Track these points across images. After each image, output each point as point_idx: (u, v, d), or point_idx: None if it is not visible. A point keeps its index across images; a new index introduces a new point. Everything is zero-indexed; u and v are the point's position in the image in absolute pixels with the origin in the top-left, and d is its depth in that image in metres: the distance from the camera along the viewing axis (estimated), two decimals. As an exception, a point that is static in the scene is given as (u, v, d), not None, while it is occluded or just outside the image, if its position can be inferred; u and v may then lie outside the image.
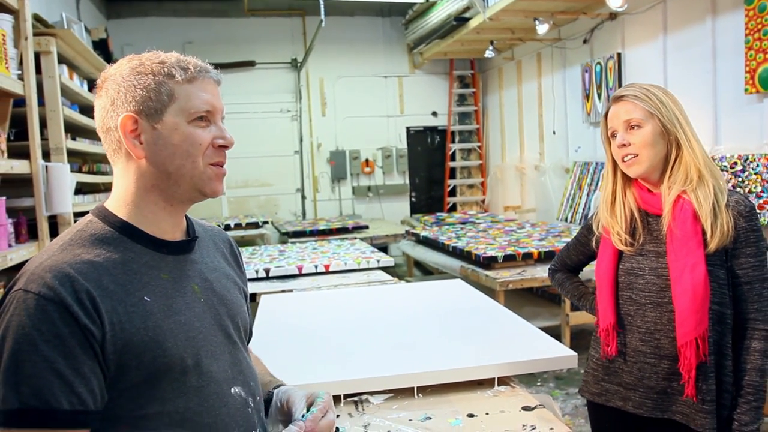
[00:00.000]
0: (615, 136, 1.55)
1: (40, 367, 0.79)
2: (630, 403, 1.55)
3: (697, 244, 1.43)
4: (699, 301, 1.41)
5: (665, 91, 1.53)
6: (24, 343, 0.80)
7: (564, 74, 6.71)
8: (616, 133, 1.54)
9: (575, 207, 6.28)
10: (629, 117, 1.51)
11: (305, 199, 8.70)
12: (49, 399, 0.79)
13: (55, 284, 0.82)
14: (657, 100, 1.50)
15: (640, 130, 1.49)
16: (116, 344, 0.84)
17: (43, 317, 0.80)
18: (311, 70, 8.50)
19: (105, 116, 0.95)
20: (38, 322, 0.80)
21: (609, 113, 1.57)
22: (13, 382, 0.79)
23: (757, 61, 3.97)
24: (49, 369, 0.80)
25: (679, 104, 1.52)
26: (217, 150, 0.96)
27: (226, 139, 0.97)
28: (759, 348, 1.44)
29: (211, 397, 0.93)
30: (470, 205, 9.19)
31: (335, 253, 4.85)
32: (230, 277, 1.09)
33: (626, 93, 1.53)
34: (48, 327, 0.80)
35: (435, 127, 9.20)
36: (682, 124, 1.49)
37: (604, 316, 1.58)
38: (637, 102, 1.50)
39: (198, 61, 0.98)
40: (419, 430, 1.69)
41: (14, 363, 0.79)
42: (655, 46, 5.14)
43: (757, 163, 3.93)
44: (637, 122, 1.50)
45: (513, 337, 2.26)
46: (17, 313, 0.81)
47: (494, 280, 3.96)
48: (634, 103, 1.51)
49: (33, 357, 0.79)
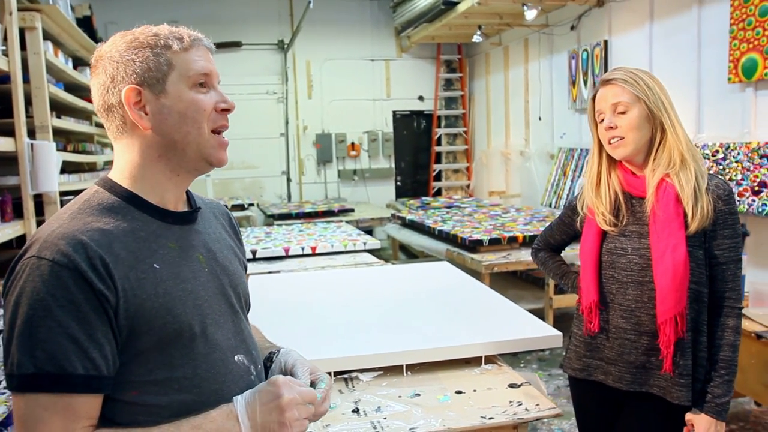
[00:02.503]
0: (602, 119, 1.58)
1: (54, 332, 0.81)
2: (610, 377, 1.60)
3: (679, 225, 1.47)
4: (679, 280, 1.46)
5: (651, 76, 1.57)
6: (39, 309, 0.81)
7: (551, 60, 6.74)
8: (603, 115, 1.57)
9: (560, 193, 6.35)
10: (617, 100, 1.54)
11: (290, 181, 8.68)
12: (64, 364, 0.81)
13: (68, 250, 0.83)
14: (644, 85, 1.53)
15: (627, 114, 1.53)
16: (128, 310, 0.86)
17: (58, 283, 0.82)
18: (298, 52, 8.43)
19: (105, 94, 0.95)
20: (53, 288, 0.81)
21: (597, 96, 1.60)
22: (28, 347, 0.80)
23: (740, 50, 4.03)
24: (64, 334, 0.81)
25: (664, 89, 1.56)
26: (220, 114, 0.98)
27: (227, 102, 0.99)
28: (732, 325, 1.50)
29: (216, 363, 0.95)
30: (455, 190, 9.24)
31: (322, 236, 4.87)
32: (231, 248, 1.11)
33: (614, 76, 1.56)
34: (62, 293, 0.82)
35: (421, 111, 9.20)
36: (668, 108, 1.53)
37: (587, 294, 1.63)
38: (625, 86, 1.53)
39: (190, 30, 0.99)
40: (409, 405, 1.73)
41: (29, 328, 0.81)
42: (642, 33, 5.18)
43: (738, 152, 4.00)
44: (624, 106, 1.53)
45: (499, 317, 2.30)
46: (31, 280, 0.82)
47: (480, 263, 4.01)
48: (621, 86, 1.54)
49: (48, 322, 0.81)
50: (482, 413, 1.66)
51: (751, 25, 3.93)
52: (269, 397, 0.91)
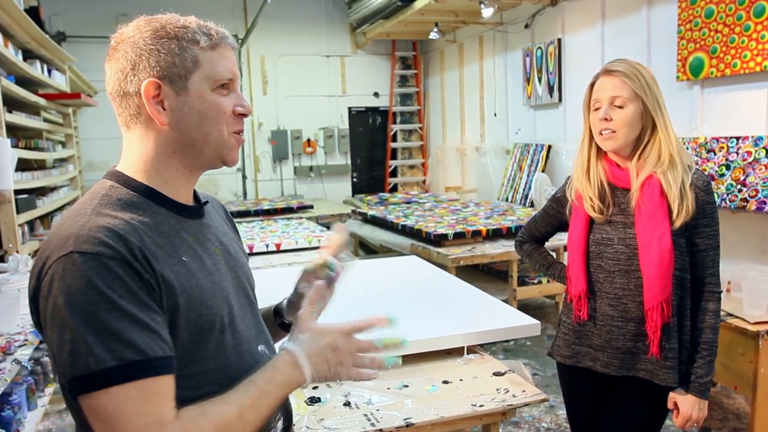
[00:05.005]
0: (597, 107, 1.60)
1: (124, 322, 0.78)
2: (599, 363, 1.66)
3: (664, 216, 1.54)
4: (665, 268, 1.52)
5: (651, 74, 1.59)
6: (100, 302, 0.78)
7: (506, 58, 6.89)
8: (599, 104, 1.60)
9: (515, 187, 6.50)
10: (616, 94, 1.56)
11: (246, 179, 8.56)
12: (145, 349, 0.79)
13: (111, 242, 0.81)
14: (644, 83, 1.56)
15: (624, 109, 1.56)
16: (168, 303, 0.85)
17: (111, 275, 0.79)
18: (252, 48, 8.31)
19: (123, 80, 0.91)
20: (107, 280, 0.79)
21: (596, 84, 1.62)
22: (102, 341, 0.77)
23: (688, 50, 4.22)
24: (134, 321, 0.79)
25: (660, 89, 1.60)
26: (237, 118, 0.97)
27: (245, 107, 0.97)
28: (713, 309, 1.58)
29: (245, 354, 0.95)
30: (411, 186, 9.32)
31: (284, 232, 4.84)
32: (235, 240, 1.11)
33: (618, 69, 1.57)
34: (118, 283, 0.79)
35: (377, 107, 9.23)
36: (662, 108, 1.58)
37: (576, 283, 1.68)
38: (627, 81, 1.56)
39: (217, 26, 0.97)
40: (399, 397, 1.75)
41: (96, 323, 0.77)
42: (594, 32, 5.36)
43: (687, 146, 4.20)
44: (622, 101, 1.56)
45: (476, 308, 2.35)
46: (79, 276, 0.78)
47: (446, 257, 4.08)
48: (623, 80, 1.56)
49: (114, 313, 0.78)
50: (472, 401, 1.70)
51: (698, 26, 4.13)
52: (324, 340, 0.94)
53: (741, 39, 3.81)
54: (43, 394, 2.82)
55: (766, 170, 3.60)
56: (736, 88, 3.99)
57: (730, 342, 2.58)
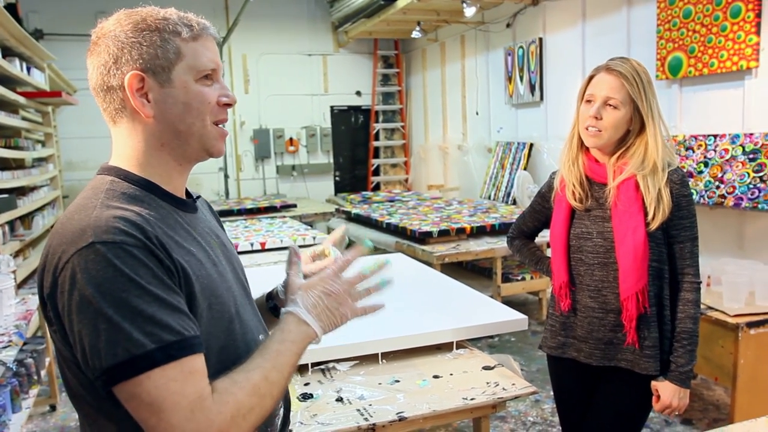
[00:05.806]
0: (590, 100, 1.62)
1: (156, 306, 0.79)
2: (582, 354, 1.70)
3: (638, 209, 1.58)
4: (639, 259, 1.56)
5: (650, 78, 1.60)
6: (132, 288, 0.78)
7: (487, 57, 6.94)
8: (592, 99, 1.62)
9: (498, 185, 6.55)
10: (611, 95, 1.58)
11: (228, 178, 8.50)
12: (180, 330, 0.80)
13: (130, 231, 0.81)
14: (642, 88, 1.57)
15: (615, 112, 1.58)
16: (185, 290, 0.86)
17: (136, 262, 0.80)
18: (234, 46, 8.26)
19: (106, 74, 0.91)
20: (134, 268, 0.79)
21: (594, 78, 1.63)
22: (138, 326, 0.78)
23: (666, 49, 4.31)
24: (165, 305, 0.80)
25: (655, 93, 1.61)
26: (221, 108, 0.97)
27: (229, 97, 0.98)
28: (691, 299, 1.62)
29: (251, 344, 0.97)
30: (393, 184, 9.34)
31: (269, 231, 4.83)
32: (225, 234, 1.13)
33: (618, 69, 1.58)
34: (144, 270, 0.80)
35: (359, 106, 9.23)
36: (654, 114, 1.59)
37: (558, 275, 1.72)
38: (625, 83, 1.56)
39: (197, 17, 0.97)
40: (391, 392, 1.77)
41: (129, 310, 0.78)
42: (575, 32, 5.43)
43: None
44: (615, 103, 1.58)
45: (464, 304, 2.38)
46: (105, 266, 0.78)
47: (431, 254, 4.10)
48: (621, 82, 1.57)
49: (145, 298, 0.79)
50: (463, 395, 1.73)
51: (676, 26, 4.21)
52: (316, 291, 0.98)
53: (718, 39, 3.90)
54: (27, 396, 2.78)
55: (742, 167, 3.68)
56: (713, 87, 4.08)
57: (711, 334, 2.65)
